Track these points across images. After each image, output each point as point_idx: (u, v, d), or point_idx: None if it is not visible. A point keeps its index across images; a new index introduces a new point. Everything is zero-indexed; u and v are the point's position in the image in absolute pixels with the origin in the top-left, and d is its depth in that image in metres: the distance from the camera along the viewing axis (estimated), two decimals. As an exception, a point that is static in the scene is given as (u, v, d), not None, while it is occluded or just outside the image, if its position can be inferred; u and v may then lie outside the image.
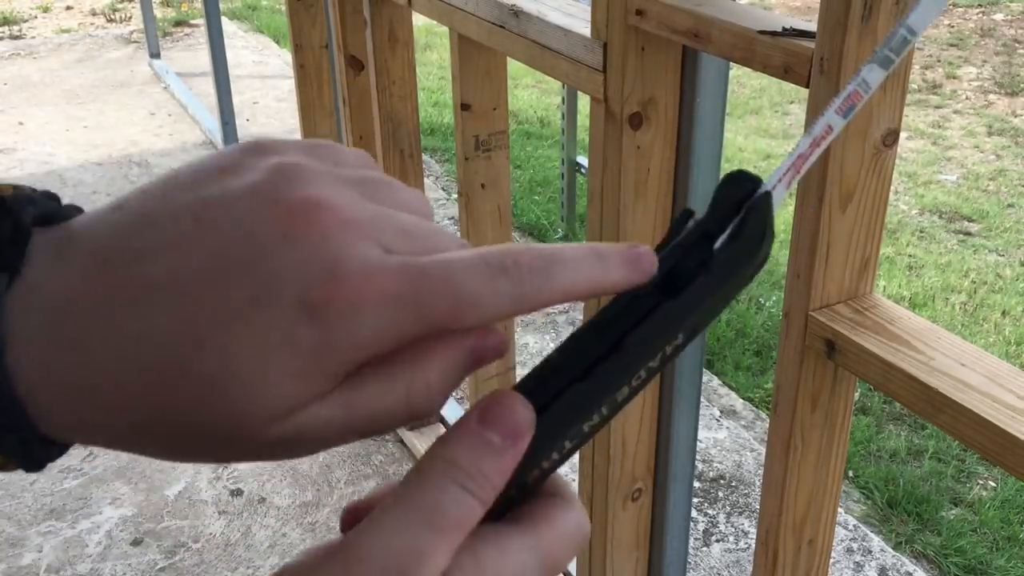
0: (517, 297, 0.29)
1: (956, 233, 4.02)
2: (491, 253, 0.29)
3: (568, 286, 0.30)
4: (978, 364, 0.89)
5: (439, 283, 0.28)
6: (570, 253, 0.31)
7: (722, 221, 0.33)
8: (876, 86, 0.35)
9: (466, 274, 0.29)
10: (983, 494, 2.50)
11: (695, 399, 1.40)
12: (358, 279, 0.28)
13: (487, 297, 0.29)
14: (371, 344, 0.28)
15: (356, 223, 0.29)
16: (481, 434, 0.30)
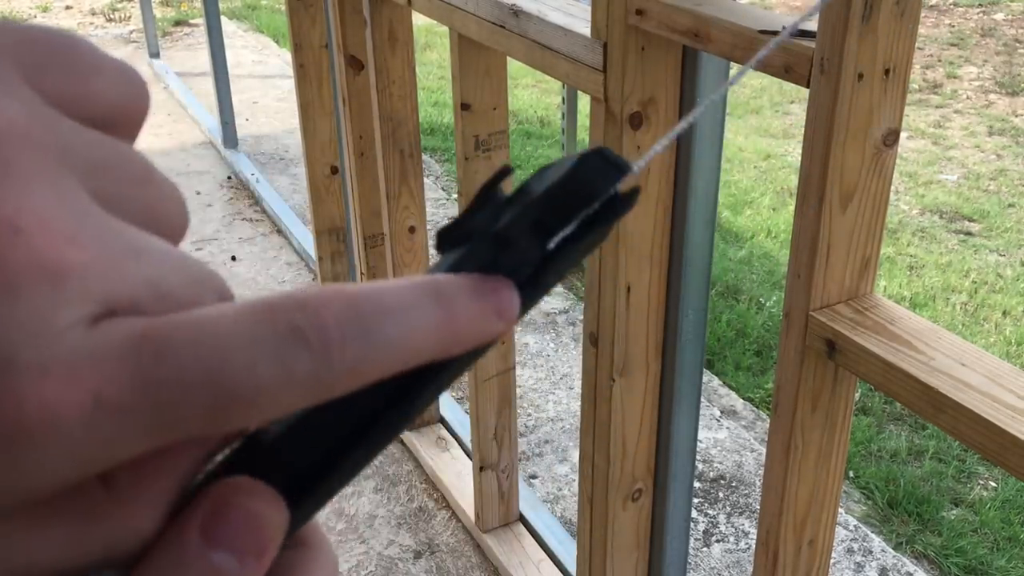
0: (322, 380, 0.19)
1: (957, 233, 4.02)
2: (277, 310, 0.19)
3: (400, 351, 0.20)
4: (979, 364, 0.89)
5: (193, 368, 0.18)
6: (396, 298, 0.20)
7: (565, 209, 0.24)
8: None
9: (241, 347, 0.18)
10: (984, 494, 2.50)
11: (695, 399, 1.40)
12: (52, 382, 0.17)
13: (273, 386, 0.18)
14: (60, 482, 0.18)
15: (80, 272, 0.18)
16: (207, 560, 0.19)
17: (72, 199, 0.18)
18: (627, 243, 1.25)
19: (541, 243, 0.24)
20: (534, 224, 0.24)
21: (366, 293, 0.20)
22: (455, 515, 2.12)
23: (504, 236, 0.23)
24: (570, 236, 0.24)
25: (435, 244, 0.24)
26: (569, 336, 2.90)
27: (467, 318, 0.21)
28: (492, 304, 0.22)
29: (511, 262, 0.23)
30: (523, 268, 0.23)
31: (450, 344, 0.21)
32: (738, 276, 3.54)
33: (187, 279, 0.20)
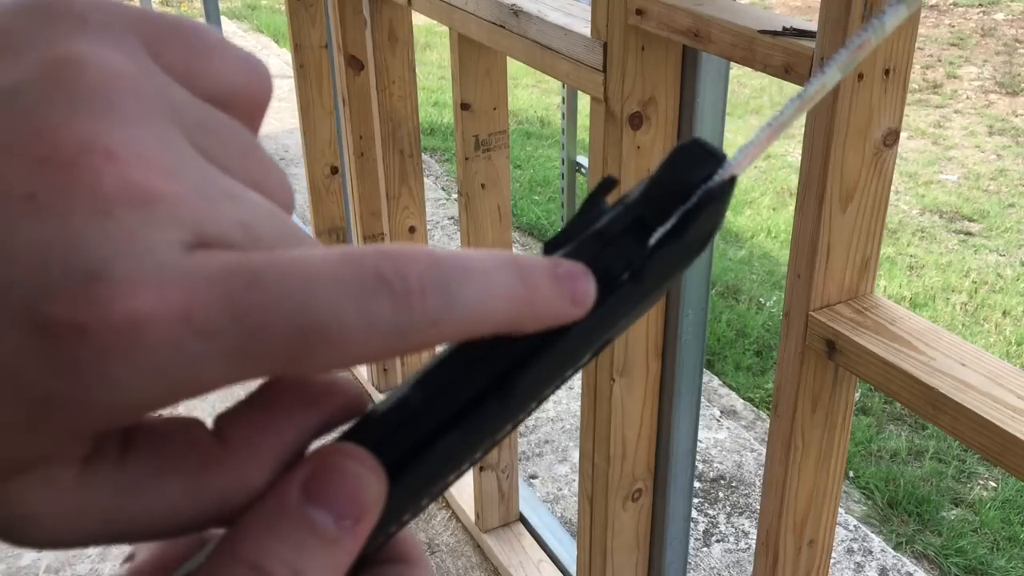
0: (401, 328, 0.19)
1: (957, 233, 4.02)
2: (365, 256, 0.19)
3: (479, 312, 0.20)
4: (979, 364, 0.89)
5: (281, 299, 0.18)
6: (479, 263, 0.21)
7: (664, 205, 0.24)
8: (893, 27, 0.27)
9: (327, 286, 0.18)
10: (984, 494, 2.50)
11: (695, 399, 1.40)
12: (142, 294, 0.17)
13: (356, 327, 0.19)
14: (148, 402, 0.18)
15: (170, 201, 0.18)
16: (305, 515, 0.20)
17: (171, 142, 0.19)
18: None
19: (642, 239, 0.24)
20: (635, 222, 0.24)
21: (450, 254, 0.20)
22: (455, 515, 2.12)
23: (605, 234, 0.24)
24: (671, 231, 0.24)
25: (543, 250, 0.24)
26: (569, 336, 2.90)
27: (543, 295, 0.21)
28: (568, 287, 0.22)
29: (613, 259, 0.23)
30: (624, 265, 0.23)
31: (525, 317, 0.21)
32: (738, 276, 3.54)
33: (281, 230, 0.20)
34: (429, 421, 0.23)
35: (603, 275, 0.23)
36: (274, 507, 0.20)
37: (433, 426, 0.23)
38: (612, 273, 0.23)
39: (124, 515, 0.19)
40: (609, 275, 0.23)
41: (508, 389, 0.23)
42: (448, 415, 0.23)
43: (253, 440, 0.21)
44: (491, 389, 0.23)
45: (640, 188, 0.24)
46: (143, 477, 0.20)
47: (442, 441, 0.23)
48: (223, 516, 0.20)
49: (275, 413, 0.21)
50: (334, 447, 0.21)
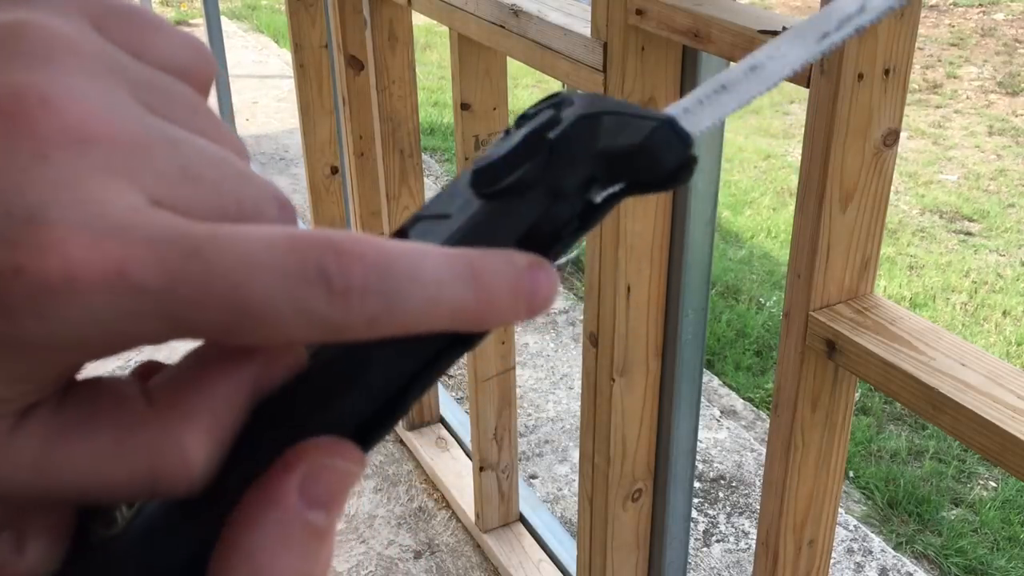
0: (335, 324, 0.19)
1: (957, 233, 4.02)
2: (310, 245, 0.19)
3: (419, 318, 0.20)
4: (979, 364, 0.89)
5: (218, 276, 0.18)
6: (432, 268, 0.20)
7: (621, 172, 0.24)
8: None
9: (265, 272, 0.19)
10: (984, 494, 2.50)
11: (695, 399, 1.40)
12: (75, 243, 0.17)
13: (288, 316, 0.19)
14: (82, 349, 0.19)
15: (108, 144, 0.18)
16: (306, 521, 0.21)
17: (110, 92, 0.19)
18: (627, 243, 1.25)
19: (589, 196, 0.24)
20: (589, 178, 0.24)
21: (404, 253, 0.20)
22: (455, 515, 2.12)
23: (558, 189, 0.23)
24: (615, 193, 0.24)
25: (471, 181, 0.24)
26: (569, 336, 2.90)
27: (497, 305, 0.21)
28: (526, 295, 0.22)
29: (562, 216, 0.23)
30: (573, 221, 0.24)
31: (471, 325, 0.21)
32: (738, 276, 3.54)
33: (225, 172, 0.20)
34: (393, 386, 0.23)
35: (553, 229, 0.23)
36: (277, 516, 0.20)
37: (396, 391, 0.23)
38: (561, 230, 0.24)
39: (53, 467, 0.19)
40: (559, 229, 0.24)
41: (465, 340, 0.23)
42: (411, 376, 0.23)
43: (180, 398, 0.20)
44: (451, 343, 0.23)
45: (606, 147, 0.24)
46: (73, 428, 0.20)
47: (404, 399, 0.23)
48: (156, 479, 0.20)
49: (207, 372, 0.21)
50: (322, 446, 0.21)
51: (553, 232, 0.23)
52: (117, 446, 0.20)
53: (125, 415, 0.20)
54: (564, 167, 0.24)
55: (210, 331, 0.19)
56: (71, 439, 0.20)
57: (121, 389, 0.21)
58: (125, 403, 0.20)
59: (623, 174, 0.24)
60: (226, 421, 0.21)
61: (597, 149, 0.24)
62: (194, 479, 0.20)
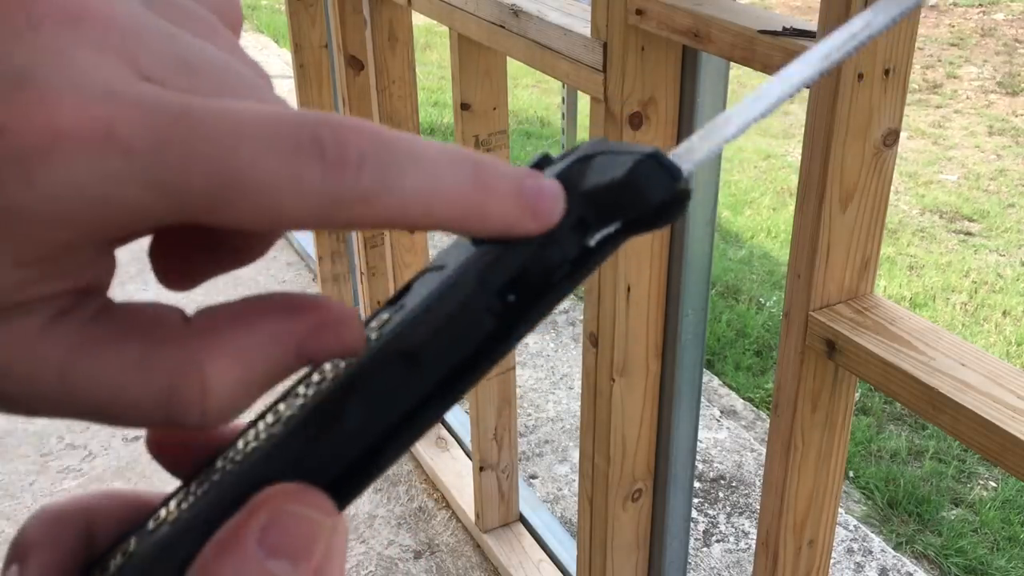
0: (330, 196, 0.19)
1: (957, 233, 4.02)
2: (306, 119, 0.19)
3: (417, 202, 0.20)
4: (979, 364, 0.89)
5: (205, 141, 0.18)
6: (433, 153, 0.20)
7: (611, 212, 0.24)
8: None
9: (256, 140, 0.18)
10: (984, 494, 2.50)
11: (695, 399, 1.40)
12: (62, 103, 0.17)
13: (279, 186, 0.18)
14: (69, 217, 0.18)
15: (103, 24, 0.18)
16: (265, 570, 0.20)
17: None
18: (627, 243, 1.25)
19: (581, 239, 0.23)
20: (579, 220, 0.23)
21: (404, 138, 0.20)
22: (455, 515, 2.12)
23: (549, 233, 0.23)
24: (611, 235, 0.24)
25: None
26: (569, 336, 2.90)
27: (499, 203, 0.21)
28: (530, 200, 0.21)
29: (554, 259, 0.23)
30: (564, 265, 0.23)
31: (471, 220, 0.21)
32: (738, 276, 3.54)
33: (226, 74, 0.20)
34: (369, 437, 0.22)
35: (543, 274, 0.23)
36: (235, 563, 0.20)
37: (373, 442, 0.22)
38: (553, 274, 0.23)
39: (77, 375, 0.19)
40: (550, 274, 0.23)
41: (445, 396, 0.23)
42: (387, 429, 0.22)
43: (217, 329, 0.20)
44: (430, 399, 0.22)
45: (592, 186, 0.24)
46: (101, 339, 0.20)
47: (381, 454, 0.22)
48: (172, 401, 0.20)
49: (248, 313, 0.21)
50: (284, 492, 0.21)
51: (544, 276, 0.23)
52: (141, 361, 0.20)
53: (156, 333, 0.20)
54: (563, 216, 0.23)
55: (198, 201, 0.18)
56: (98, 350, 0.20)
57: (160, 312, 0.21)
58: (159, 324, 0.20)
59: (613, 213, 0.23)
60: (256, 365, 0.21)
61: (584, 189, 0.24)
62: (208, 410, 0.20)
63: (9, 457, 2.31)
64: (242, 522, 0.20)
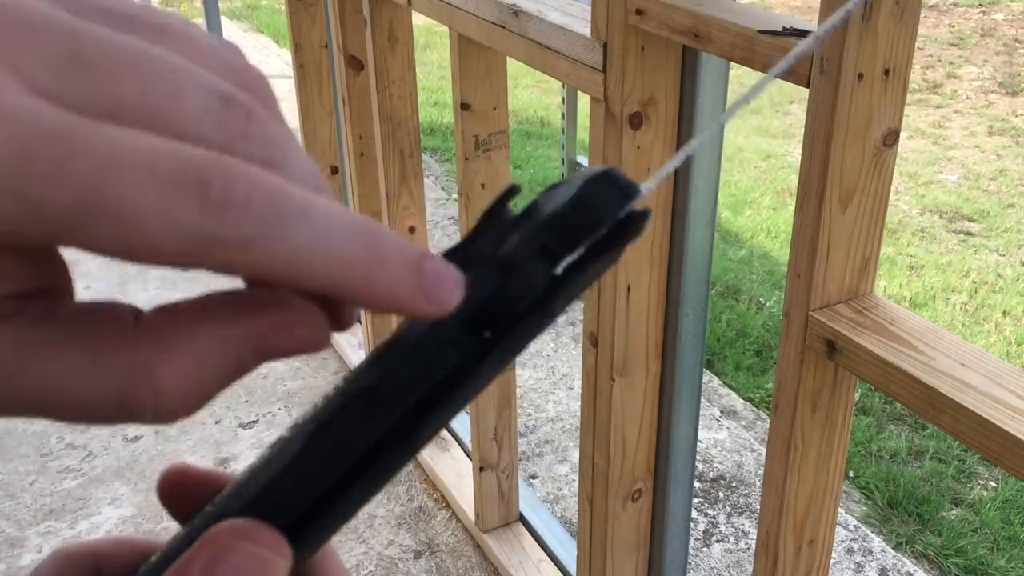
0: (204, 238, 0.18)
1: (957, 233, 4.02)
2: (198, 157, 0.18)
3: (301, 257, 0.19)
4: (979, 364, 0.89)
5: (78, 160, 0.17)
6: (327, 214, 0.20)
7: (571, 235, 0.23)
8: None
9: (133, 168, 0.17)
10: (984, 494, 2.50)
11: (695, 399, 1.40)
12: None
13: (149, 217, 0.18)
14: None
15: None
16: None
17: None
18: (627, 243, 1.25)
19: (547, 268, 0.23)
20: (541, 249, 0.23)
21: (304, 195, 0.19)
22: (455, 515, 2.12)
23: (510, 261, 0.23)
24: (577, 262, 0.23)
25: None
26: (569, 336, 2.90)
27: (390, 276, 0.20)
28: (427, 282, 0.21)
29: (517, 288, 0.23)
30: (529, 294, 0.23)
31: (359, 289, 0.20)
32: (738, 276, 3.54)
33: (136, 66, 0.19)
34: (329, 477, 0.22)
35: (508, 304, 0.23)
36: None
37: (334, 482, 0.22)
38: (518, 304, 0.23)
39: (26, 376, 0.19)
40: (514, 304, 0.23)
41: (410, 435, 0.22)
42: (348, 469, 0.22)
43: (172, 328, 0.20)
44: (392, 437, 0.22)
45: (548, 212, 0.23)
46: (52, 340, 0.19)
47: (344, 496, 0.22)
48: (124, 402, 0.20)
49: (204, 312, 0.21)
50: (231, 527, 0.21)
51: (509, 307, 0.23)
52: (92, 365, 0.19)
53: (109, 335, 0.20)
54: (511, 238, 0.23)
55: (61, 221, 0.17)
56: (48, 351, 0.19)
57: (115, 312, 0.21)
58: (113, 324, 0.20)
59: (574, 237, 0.23)
60: (210, 365, 0.20)
61: (542, 217, 0.23)
62: (161, 410, 0.20)
63: (9, 457, 2.31)
64: (189, 557, 0.20)
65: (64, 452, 2.32)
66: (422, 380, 0.22)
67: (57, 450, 2.33)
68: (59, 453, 2.32)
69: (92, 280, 2.96)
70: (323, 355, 2.68)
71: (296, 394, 2.53)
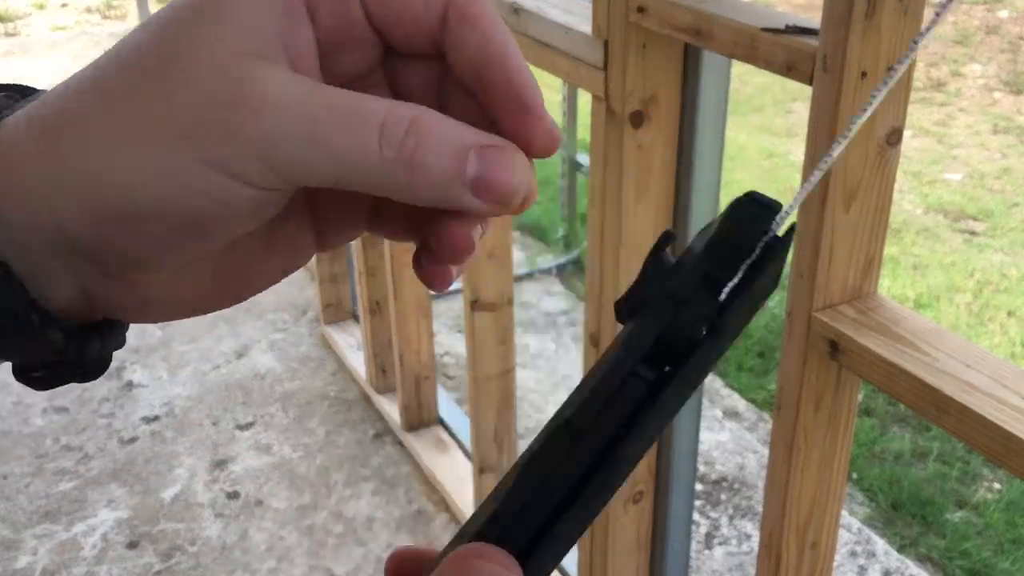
0: None
1: (961, 232, 4.00)
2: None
3: None
4: (983, 365, 0.88)
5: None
6: None
7: (728, 259, 0.26)
8: None
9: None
10: (988, 496, 2.49)
11: (697, 400, 1.39)
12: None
13: None
14: None
15: None
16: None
17: None
18: (628, 243, 1.24)
19: (712, 295, 0.25)
20: (704, 279, 0.25)
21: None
22: (455, 518, 2.11)
23: (676, 295, 0.25)
24: (739, 284, 0.25)
25: (616, 316, 0.26)
26: (570, 337, 2.89)
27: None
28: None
29: (688, 318, 0.25)
30: (700, 322, 0.25)
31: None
32: (741, 276, 3.53)
33: None
34: (543, 501, 0.25)
35: (682, 335, 0.25)
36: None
37: (547, 504, 0.25)
38: (691, 332, 0.25)
39: None
40: (688, 335, 0.25)
41: (613, 463, 0.25)
42: (559, 491, 0.25)
43: None
44: (597, 465, 0.25)
45: (703, 244, 0.26)
46: None
47: (562, 522, 0.25)
48: None
49: None
50: (469, 549, 0.24)
51: (683, 336, 0.25)
52: None
53: None
54: (677, 274, 0.26)
55: None
56: None
57: None
58: None
59: (731, 261, 0.25)
60: None
61: (701, 249, 0.26)
62: None
63: (5, 459, 2.30)
64: (437, 574, 0.24)
65: (60, 454, 2.32)
66: (612, 414, 0.25)
67: (53, 452, 2.32)
68: (55, 455, 2.31)
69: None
70: (321, 356, 2.67)
71: (293, 395, 2.52)
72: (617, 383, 0.25)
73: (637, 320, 0.25)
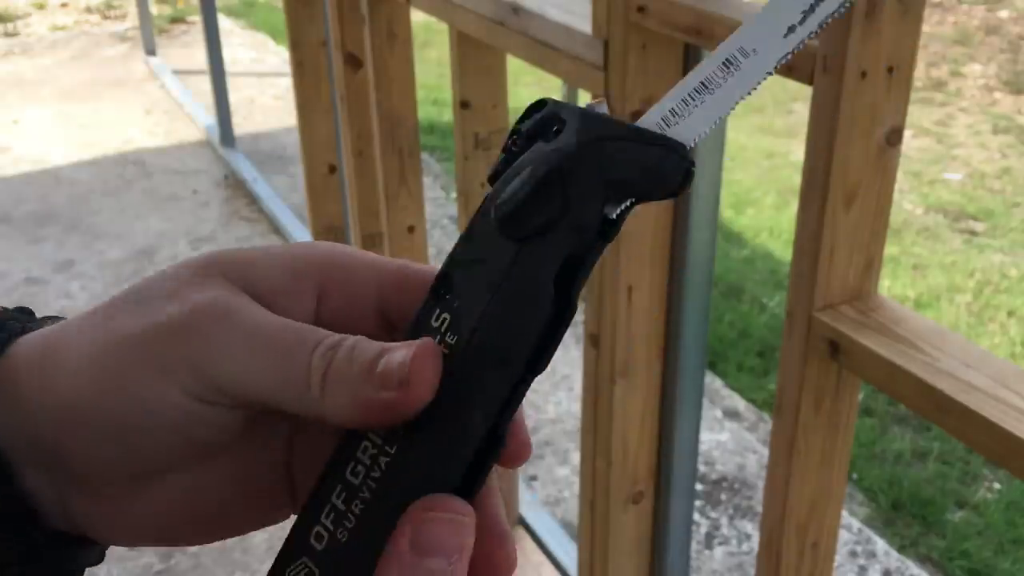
0: None
1: (961, 232, 4.00)
2: None
3: None
4: (984, 365, 0.88)
5: None
6: None
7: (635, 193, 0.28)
8: None
9: None
10: (988, 496, 2.49)
11: (697, 401, 1.39)
12: None
13: None
14: None
15: None
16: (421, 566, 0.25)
17: None
18: (628, 243, 1.24)
19: (604, 213, 0.28)
20: (603, 203, 0.28)
21: None
22: (455, 517, 2.11)
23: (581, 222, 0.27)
24: (628, 207, 0.28)
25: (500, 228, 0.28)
26: (570, 337, 2.89)
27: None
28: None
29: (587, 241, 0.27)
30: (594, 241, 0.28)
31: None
32: (740, 276, 3.52)
33: None
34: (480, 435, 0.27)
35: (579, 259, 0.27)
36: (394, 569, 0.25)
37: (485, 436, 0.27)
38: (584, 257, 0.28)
39: None
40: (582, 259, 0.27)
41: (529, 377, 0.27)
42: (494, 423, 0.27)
43: None
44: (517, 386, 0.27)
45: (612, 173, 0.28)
46: None
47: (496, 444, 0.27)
48: None
49: None
50: (423, 504, 0.26)
51: (581, 257, 0.27)
52: None
53: None
54: (582, 203, 0.28)
55: None
56: None
57: None
58: None
59: (632, 193, 0.28)
60: None
61: (607, 179, 0.28)
62: None
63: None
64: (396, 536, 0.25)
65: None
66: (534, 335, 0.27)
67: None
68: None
69: (88, 280, 2.94)
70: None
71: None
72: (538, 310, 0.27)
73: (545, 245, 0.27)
